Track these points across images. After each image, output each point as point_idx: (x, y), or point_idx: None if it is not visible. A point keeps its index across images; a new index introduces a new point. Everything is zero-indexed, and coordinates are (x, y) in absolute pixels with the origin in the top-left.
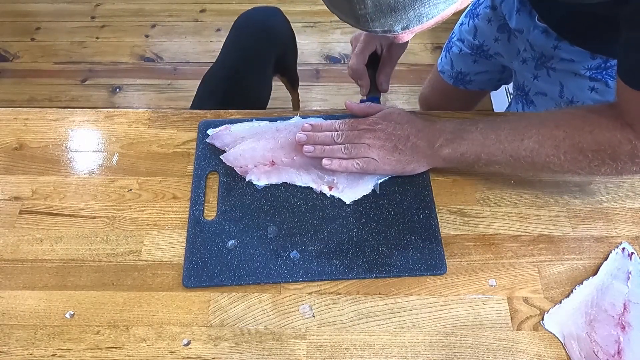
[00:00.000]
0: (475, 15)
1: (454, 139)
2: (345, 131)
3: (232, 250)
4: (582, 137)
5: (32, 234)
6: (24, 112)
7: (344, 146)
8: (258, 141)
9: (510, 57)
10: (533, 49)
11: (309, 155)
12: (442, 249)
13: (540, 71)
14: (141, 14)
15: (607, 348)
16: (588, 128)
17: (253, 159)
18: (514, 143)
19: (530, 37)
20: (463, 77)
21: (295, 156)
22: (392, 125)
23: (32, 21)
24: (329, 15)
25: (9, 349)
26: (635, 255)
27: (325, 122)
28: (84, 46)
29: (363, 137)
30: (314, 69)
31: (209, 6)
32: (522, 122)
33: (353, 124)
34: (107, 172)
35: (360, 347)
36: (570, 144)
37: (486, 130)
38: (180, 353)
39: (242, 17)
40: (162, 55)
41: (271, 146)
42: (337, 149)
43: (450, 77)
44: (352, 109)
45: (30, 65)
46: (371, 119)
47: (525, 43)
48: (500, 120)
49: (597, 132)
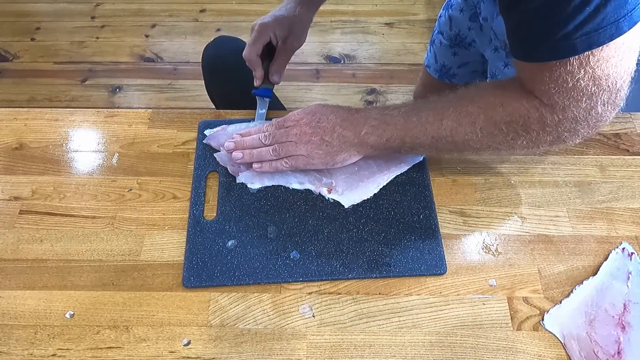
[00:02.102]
0: (450, 6)
1: (379, 125)
2: (272, 131)
3: (232, 250)
4: (494, 110)
5: (32, 234)
6: (24, 112)
7: (272, 147)
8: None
9: (484, 45)
10: (497, 38)
11: (239, 162)
12: (442, 249)
13: (510, 59)
14: (141, 14)
15: (607, 348)
16: (499, 101)
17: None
18: (434, 124)
19: (494, 24)
20: (447, 70)
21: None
22: (317, 118)
23: (32, 21)
24: (329, 15)
25: (9, 349)
26: (635, 255)
27: (253, 127)
28: (84, 46)
29: (290, 135)
30: (314, 69)
31: (209, 6)
32: (440, 102)
33: (279, 123)
34: (107, 172)
35: (360, 347)
36: (484, 119)
37: (408, 114)
38: (180, 353)
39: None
40: (162, 55)
41: None
42: (266, 151)
43: (436, 70)
44: (249, 131)
45: (30, 65)
46: (296, 115)
47: (490, 31)
48: (422, 102)
49: (507, 104)
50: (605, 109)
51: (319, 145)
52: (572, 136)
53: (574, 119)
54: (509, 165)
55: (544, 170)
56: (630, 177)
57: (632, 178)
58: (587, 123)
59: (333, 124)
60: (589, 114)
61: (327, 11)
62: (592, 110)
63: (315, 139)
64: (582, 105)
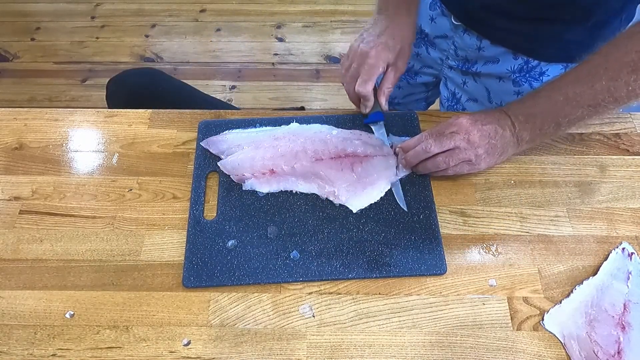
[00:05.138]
0: None
1: (527, 119)
2: (435, 140)
3: (232, 250)
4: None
5: (32, 234)
6: (24, 112)
7: (443, 155)
8: (257, 150)
9: (437, 66)
10: (457, 54)
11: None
12: (442, 249)
13: (467, 77)
14: (141, 14)
15: (607, 348)
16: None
17: (252, 167)
18: (585, 93)
19: (455, 40)
20: (390, 100)
21: (296, 164)
22: (479, 120)
23: (32, 21)
24: (329, 15)
25: (9, 349)
26: (635, 255)
27: (409, 140)
28: (84, 46)
29: (455, 140)
30: (314, 69)
31: (209, 6)
32: (582, 70)
33: (439, 131)
34: (107, 172)
35: (360, 347)
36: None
37: (550, 96)
38: (180, 353)
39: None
40: (162, 55)
41: (271, 154)
42: (440, 161)
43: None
44: (408, 145)
45: (30, 65)
46: (456, 121)
47: (450, 47)
48: (556, 82)
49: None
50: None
51: (487, 148)
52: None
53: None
54: (509, 165)
55: (544, 170)
56: (630, 177)
57: (632, 178)
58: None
59: (494, 125)
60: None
61: (327, 11)
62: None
63: (484, 143)
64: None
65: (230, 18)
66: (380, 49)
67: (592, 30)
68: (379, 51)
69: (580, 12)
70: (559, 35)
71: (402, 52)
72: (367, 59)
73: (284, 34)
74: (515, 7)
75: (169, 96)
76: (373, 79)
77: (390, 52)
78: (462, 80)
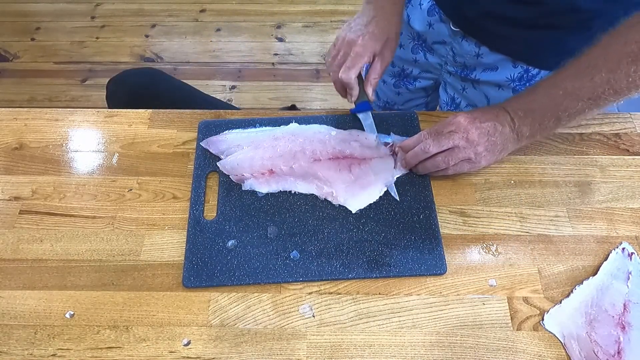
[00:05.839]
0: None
1: (526, 115)
2: (433, 140)
3: (232, 250)
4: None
5: (32, 234)
6: (24, 112)
7: (443, 155)
8: (256, 150)
9: (436, 71)
10: (456, 61)
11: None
12: (442, 249)
13: (467, 83)
14: (141, 14)
15: (607, 348)
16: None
17: (251, 168)
18: (584, 86)
19: (454, 46)
20: (390, 107)
21: (294, 165)
22: (476, 118)
23: (32, 21)
24: (329, 15)
25: (9, 349)
26: (635, 255)
27: (408, 139)
28: (84, 46)
29: (454, 139)
30: (313, 69)
31: (209, 6)
32: (580, 63)
33: (437, 130)
34: (107, 172)
35: (360, 347)
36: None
37: (549, 91)
38: (180, 353)
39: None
40: (162, 55)
41: (270, 155)
42: (439, 161)
43: (379, 107)
44: (407, 145)
45: (30, 65)
46: (453, 120)
47: (449, 53)
48: (555, 76)
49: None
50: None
51: (486, 146)
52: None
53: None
54: (509, 165)
55: (544, 170)
56: (630, 177)
57: (632, 178)
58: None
59: (493, 123)
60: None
61: (327, 11)
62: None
63: (483, 140)
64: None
65: (230, 18)
66: (367, 38)
67: (593, 38)
68: (366, 40)
69: (581, 20)
70: (559, 43)
71: (389, 41)
72: (353, 47)
73: (283, 34)
74: (515, 14)
75: (169, 96)
76: (357, 67)
77: (377, 41)
78: (461, 87)
